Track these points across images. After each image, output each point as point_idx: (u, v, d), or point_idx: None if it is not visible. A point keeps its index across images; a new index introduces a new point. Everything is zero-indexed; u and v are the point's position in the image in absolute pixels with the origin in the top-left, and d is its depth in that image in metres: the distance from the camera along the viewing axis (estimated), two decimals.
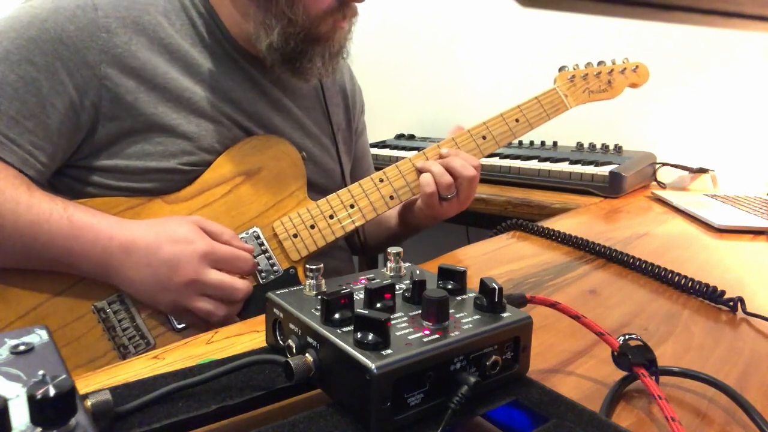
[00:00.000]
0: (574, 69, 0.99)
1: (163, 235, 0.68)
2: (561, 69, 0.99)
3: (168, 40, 0.76)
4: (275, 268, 0.78)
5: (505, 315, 0.38)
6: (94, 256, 0.67)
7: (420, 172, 0.85)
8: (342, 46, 0.82)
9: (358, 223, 0.82)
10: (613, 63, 1.02)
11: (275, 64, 0.79)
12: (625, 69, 1.02)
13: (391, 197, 0.84)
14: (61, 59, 0.69)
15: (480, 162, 0.86)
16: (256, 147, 0.80)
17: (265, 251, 0.78)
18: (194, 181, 0.77)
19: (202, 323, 0.71)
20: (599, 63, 1.01)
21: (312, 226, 0.80)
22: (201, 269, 0.68)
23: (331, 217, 0.81)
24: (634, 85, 1.05)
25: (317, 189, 0.87)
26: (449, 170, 0.83)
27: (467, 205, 0.88)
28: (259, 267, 0.77)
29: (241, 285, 0.70)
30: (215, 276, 0.69)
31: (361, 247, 1.06)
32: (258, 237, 0.78)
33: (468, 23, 1.81)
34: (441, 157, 0.86)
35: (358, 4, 0.79)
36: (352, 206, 0.82)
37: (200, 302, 0.69)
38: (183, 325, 0.72)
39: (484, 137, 0.88)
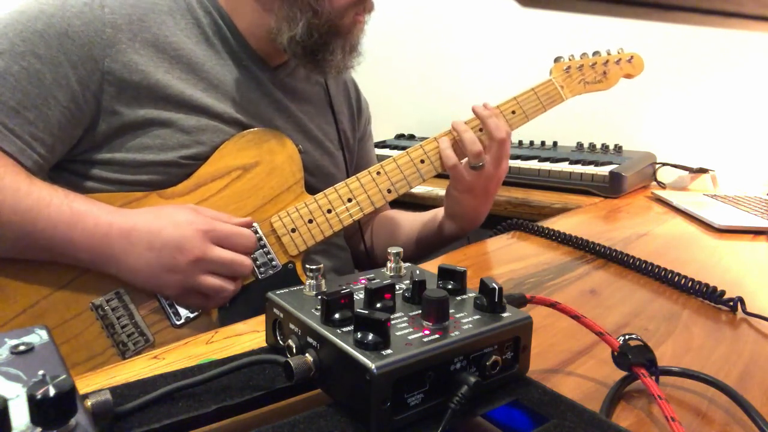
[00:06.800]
0: (570, 59, 0.99)
1: (163, 218, 0.69)
2: (557, 60, 0.99)
3: (172, 38, 0.77)
4: (274, 263, 0.78)
5: (505, 315, 0.38)
6: (95, 243, 0.67)
7: (442, 144, 0.86)
8: (358, 41, 0.84)
9: (355, 217, 0.82)
10: (608, 53, 1.02)
11: (296, 56, 0.80)
12: (620, 59, 1.02)
13: (389, 191, 0.84)
14: (65, 53, 0.69)
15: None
16: (252, 141, 0.80)
17: (263, 246, 0.78)
18: (191, 176, 0.77)
19: (209, 304, 0.72)
20: (594, 53, 1.01)
21: (310, 221, 0.80)
22: (206, 247, 0.68)
23: (329, 211, 0.81)
24: (629, 76, 1.05)
25: (315, 193, 0.87)
26: (486, 132, 0.85)
27: (503, 173, 0.87)
28: (257, 262, 0.77)
29: (246, 260, 0.72)
30: (220, 252, 0.70)
31: (366, 256, 1.05)
32: (256, 232, 0.78)
33: (468, 23, 1.81)
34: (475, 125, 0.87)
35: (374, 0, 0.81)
36: (349, 200, 0.82)
37: (209, 279, 0.70)
38: (182, 321, 0.73)
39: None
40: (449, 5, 1.83)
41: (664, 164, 1.43)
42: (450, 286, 0.41)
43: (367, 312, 0.33)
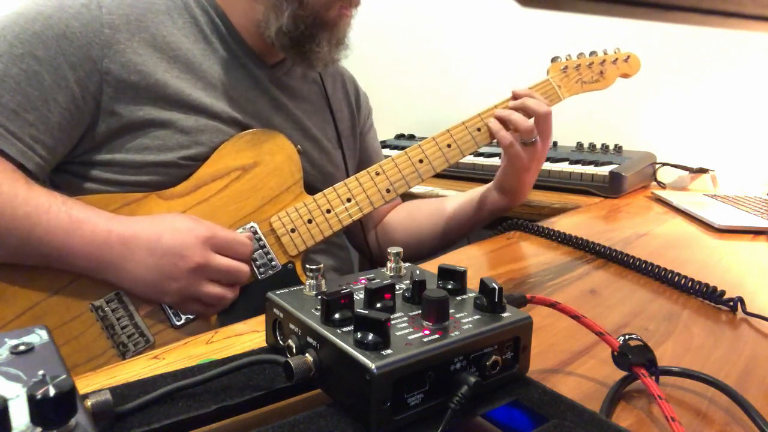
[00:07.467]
0: (567, 60, 0.99)
1: (163, 225, 0.69)
2: (554, 60, 0.99)
3: (170, 38, 0.77)
4: (273, 263, 0.78)
5: (505, 315, 0.38)
6: (93, 251, 0.67)
7: (494, 127, 0.88)
8: (345, 34, 0.84)
9: (355, 217, 0.82)
10: (605, 53, 1.03)
11: (284, 49, 0.81)
12: (616, 59, 1.03)
13: (388, 190, 0.84)
14: (64, 54, 0.69)
15: (480, 162, 0.88)
16: (251, 141, 0.80)
17: (262, 246, 0.78)
18: (190, 177, 0.77)
19: (209, 311, 0.72)
20: (591, 53, 1.01)
21: (309, 221, 0.80)
22: (206, 254, 0.69)
23: (329, 211, 0.81)
24: (625, 76, 1.05)
25: (314, 192, 0.87)
26: (526, 111, 0.88)
27: (548, 146, 0.92)
28: (257, 262, 0.77)
29: (245, 267, 0.72)
30: (221, 260, 0.70)
31: (370, 256, 1.05)
32: (255, 232, 0.78)
33: (468, 23, 1.81)
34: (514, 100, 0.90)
35: None
36: (349, 200, 0.82)
37: (209, 287, 0.70)
38: (182, 322, 0.73)
39: (479, 129, 0.88)
40: (449, 6, 1.83)
41: (664, 164, 1.43)
42: (450, 286, 0.41)
43: (367, 312, 0.33)
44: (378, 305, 0.37)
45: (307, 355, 0.35)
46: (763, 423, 0.37)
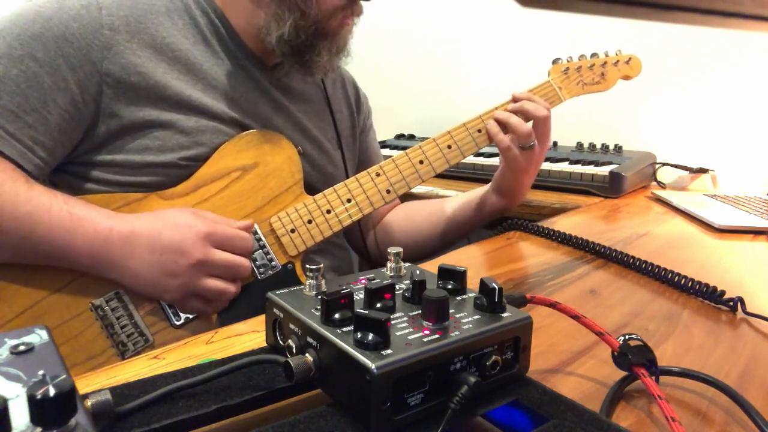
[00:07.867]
0: (568, 61, 0.99)
1: (162, 222, 0.69)
2: (555, 61, 0.99)
3: (169, 39, 0.77)
4: (273, 263, 0.78)
5: (505, 315, 0.38)
6: (95, 248, 0.67)
7: (492, 130, 0.88)
8: (346, 43, 0.84)
9: (355, 218, 0.82)
10: (606, 55, 1.03)
11: (284, 56, 0.81)
12: (618, 61, 1.03)
13: (388, 191, 0.84)
14: (63, 56, 0.69)
15: (480, 163, 0.88)
16: (251, 142, 0.80)
17: (262, 246, 0.78)
18: (191, 177, 0.77)
19: (210, 307, 0.72)
20: (592, 55, 1.01)
21: (309, 221, 0.80)
22: (206, 249, 0.69)
23: (329, 212, 0.81)
24: (626, 77, 1.05)
25: (315, 192, 0.87)
26: (525, 114, 0.88)
27: (546, 149, 0.93)
28: (257, 262, 0.77)
29: (246, 262, 0.73)
30: (221, 255, 0.70)
31: (368, 258, 1.05)
32: (255, 232, 0.78)
33: (468, 23, 1.81)
34: (514, 102, 0.90)
35: (364, 3, 0.82)
36: (349, 201, 0.82)
37: (210, 282, 0.70)
38: (181, 321, 0.73)
39: (479, 130, 0.88)
40: (449, 6, 1.83)
41: (664, 164, 1.43)
42: (450, 286, 0.41)
43: (367, 312, 0.33)
44: (378, 305, 0.37)
45: (307, 355, 0.35)
46: (763, 423, 0.37)
